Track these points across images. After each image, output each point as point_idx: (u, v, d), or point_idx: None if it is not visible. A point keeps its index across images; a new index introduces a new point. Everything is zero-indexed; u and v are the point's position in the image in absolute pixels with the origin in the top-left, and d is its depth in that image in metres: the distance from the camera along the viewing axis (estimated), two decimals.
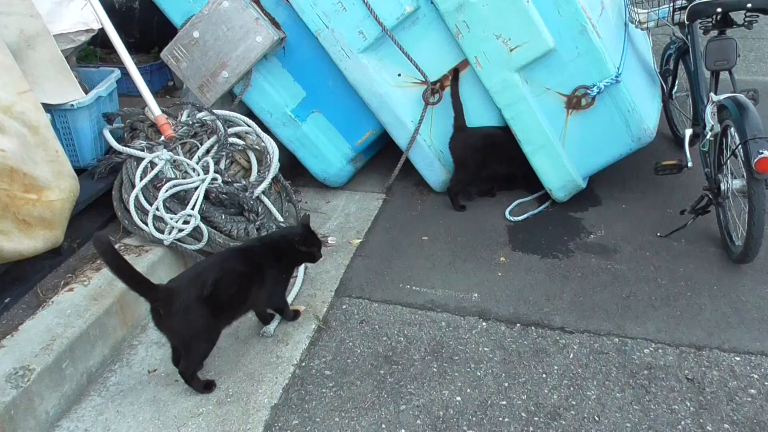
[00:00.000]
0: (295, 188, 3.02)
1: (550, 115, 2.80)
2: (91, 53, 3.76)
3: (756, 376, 2.05)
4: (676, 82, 3.49)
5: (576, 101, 2.75)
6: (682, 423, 1.90)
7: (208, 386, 2.08)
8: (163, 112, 2.75)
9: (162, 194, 2.46)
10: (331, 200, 3.20)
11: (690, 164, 2.80)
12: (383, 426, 1.92)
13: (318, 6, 2.80)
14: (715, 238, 2.71)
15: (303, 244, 2.19)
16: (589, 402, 1.98)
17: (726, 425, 1.88)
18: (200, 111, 2.88)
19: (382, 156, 3.43)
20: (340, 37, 2.83)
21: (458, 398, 2.01)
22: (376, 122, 3.05)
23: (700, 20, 2.72)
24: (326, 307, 2.42)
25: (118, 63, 3.82)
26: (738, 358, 2.12)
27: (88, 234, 2.56)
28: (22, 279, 2.31)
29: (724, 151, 2.58)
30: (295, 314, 2.36)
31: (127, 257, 2.42)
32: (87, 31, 2.89)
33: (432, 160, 3.05)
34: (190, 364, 2.06)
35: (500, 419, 1.93)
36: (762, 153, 2.23)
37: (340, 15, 2.79)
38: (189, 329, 2.00)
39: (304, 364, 2.16)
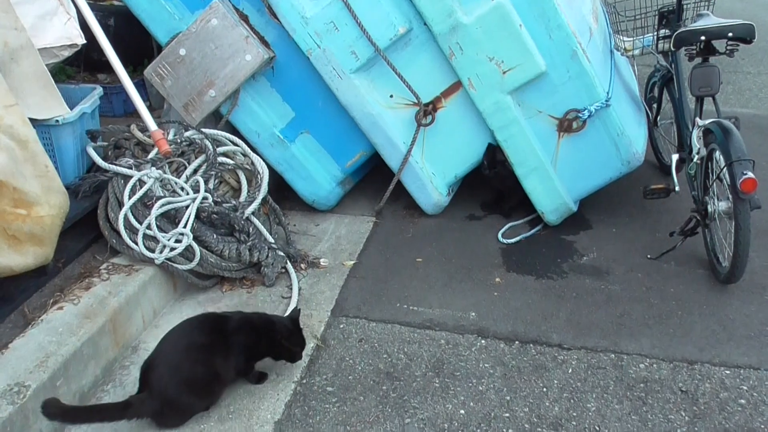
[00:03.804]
0: (282, 211, 3.25)
1: (542, 138, 3.14)
2: (60, 70, 3.97)
3: (745, 388, 2.35)
4: (661, 109, 3.89)
5: (567, 124, 3.09)
6: (678, 431, 2.18)
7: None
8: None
9: (154, 212, 2.67)
10: (320, 223, 3.45)
11: (677, 188, 3.16)
12: None
13: (310, 26, 3.08)
14: (702, 260, 3.06)
15: (287, 339, 2.33)
16: (590, 413, 2.25)
17: None
18: (187, 130, 3.12)
19: (370, 179, 3.71)
20: (331, 57, 3.12)
21: (462, 411, 2.25)
22: (366, 143, 3.33)
23: (684, 47, 3.11)
24: (323, 327, 2.65)
25: (89, 82, 4.06)
26: (728, 372, 2.43)
27: (73, 254, 2.74)
28: (7, 298, 2.46)
29: (710, 174, 2.94)
30: (261, 377, 2.39)
31: (116, 277, 2.63)
32: (70, 46, 3.10)
33: (424, 182, 3.34)
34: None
35: (504, 431, 2.18)
36: (746, 174, 2.59)
37: (332, 35, 3.08)
38: (177, 419, 2.20)
39: (305, 381, 2.37)
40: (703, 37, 3.00)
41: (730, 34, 2.95)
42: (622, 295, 2.86)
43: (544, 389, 2.35)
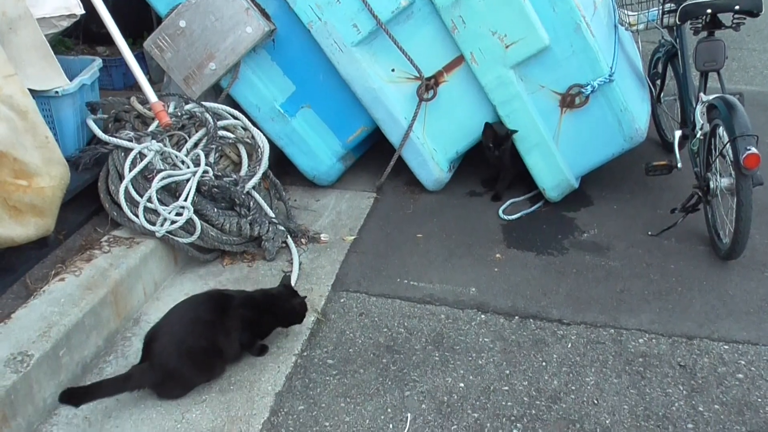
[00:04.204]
0: (282, 186, 3.26)
1: (544, 113, 3.15)
2: (59, 42, 3.96)
3: (743, 362, 2.39)
4: (665, 85, 3.89)
5: (570, 100, 3.10)
6: (676, 404, 2.22)
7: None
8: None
9: (155, 185, 2.68)
10: (321, 198, 3.48)
11: (680, 165, 3.18)
12: (389, 410, 2.18)
13: None
14: (703, 237, 3.08)
15: (298, 306, 2.42)
16: (588, 387, 2.29)
17: (716, 406, 2.21)
18: (188, 103, 3.13)
19: (371, 155, 3.73)
20: (333, 30, 3.11)
21: (461, 384, 2.29)
22: (367, 118, 3.34)
23: (690, 21, 3.11)
24: (324, 301, 2.69)
25: (88, 54, 4.05)
26: (726, 347, 2.47)
27: (74, 226, 2.77)
28: (9, 269, 2.49)
29: (713, 150, 2.95)
30: (262, 349, 2.43)
31: (117, 249, 2.66)
32: (69, 16, 3.09)
33: (425, 158, 3.35)
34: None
35: (503, 403, 2.22)
36: (750, 149, 2.60)
37: (333, 7, 3.08)
38: (177, 390, 2.24)
39: (305, 354, 2.41)
40: (709, 10, 2.99)
41: (737, 7, 2.95)
42: (622, 271, 2.89)
43: (544, 363, 2.39)
